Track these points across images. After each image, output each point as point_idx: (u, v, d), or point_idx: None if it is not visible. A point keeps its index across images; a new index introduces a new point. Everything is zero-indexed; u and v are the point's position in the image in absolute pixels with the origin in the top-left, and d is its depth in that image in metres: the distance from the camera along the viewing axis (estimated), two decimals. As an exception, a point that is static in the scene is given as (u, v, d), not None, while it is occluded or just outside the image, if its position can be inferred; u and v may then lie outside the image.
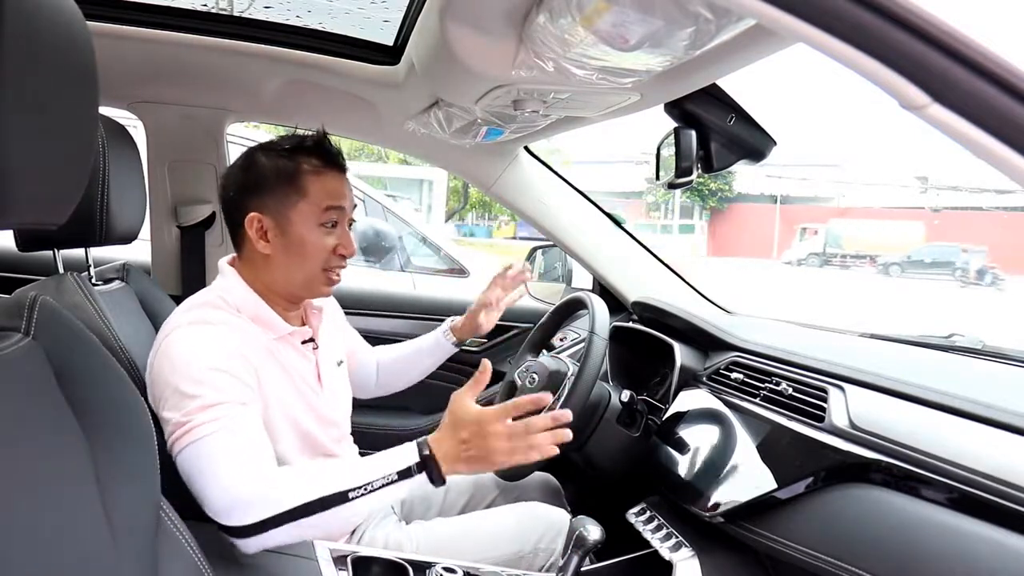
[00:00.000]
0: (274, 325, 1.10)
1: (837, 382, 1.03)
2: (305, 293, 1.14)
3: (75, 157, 0.54)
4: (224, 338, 1.01)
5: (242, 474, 0.90)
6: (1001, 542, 0.71)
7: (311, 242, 1.09)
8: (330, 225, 1.10)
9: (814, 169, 27.10)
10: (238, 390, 0.97)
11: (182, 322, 1.03)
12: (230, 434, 0.92)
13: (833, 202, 27.89)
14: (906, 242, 21.67)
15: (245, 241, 1.10)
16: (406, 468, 0.91)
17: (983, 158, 0.48)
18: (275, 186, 1.08)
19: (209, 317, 1.04)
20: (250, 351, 1.03)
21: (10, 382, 0.55)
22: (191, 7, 1.38)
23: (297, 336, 1.14)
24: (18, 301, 0.62)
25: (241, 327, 1.05)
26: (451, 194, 14.61)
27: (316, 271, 1.10)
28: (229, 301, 1.08)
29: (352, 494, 0.89)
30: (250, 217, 1.08)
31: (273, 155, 1.11)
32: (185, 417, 0.92)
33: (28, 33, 0.45)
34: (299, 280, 1.11)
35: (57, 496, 0.54)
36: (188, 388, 0.94)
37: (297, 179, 1.08)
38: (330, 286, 1.14)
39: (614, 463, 1.36)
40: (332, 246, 1.10)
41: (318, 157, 1.10)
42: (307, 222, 1.08)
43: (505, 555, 1.15)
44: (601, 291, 1.84)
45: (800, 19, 0.47)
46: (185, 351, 0.98)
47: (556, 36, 0.79)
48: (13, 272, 1.84)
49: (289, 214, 1.08)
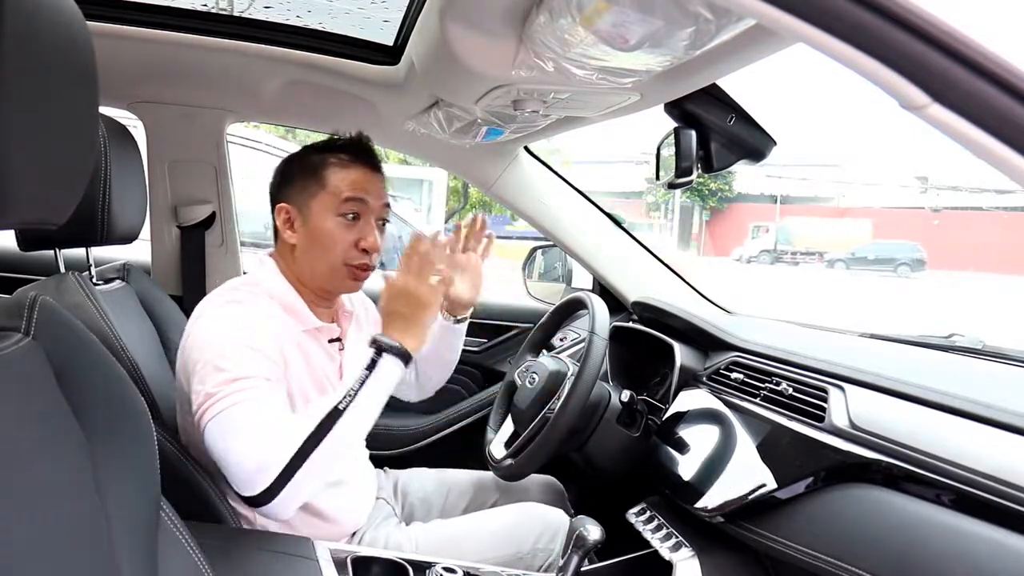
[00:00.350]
0: (303, 317, 1.12)
1: (837, 382, 1.03)
2: (330, 286, 1.16)
3: (76, 157, 0.54)
4: (255, 318, 1.04)
5: (261, 441, 0.92)
6: (1001, 542, 0.71)
7: (329, 233, 1.10)
8: (350, 217, 1.11)
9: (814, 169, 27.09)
10: (265, 367, 0.99)
11: (216, 302, 1.06)
12: (255, 405, 0.95)
13: (833, 202, 27.89)
14: (853, 239, 22.53)
15: (278, 232, 1.15)
16: (370, 361, 0.98)
17: (983, 158, 0.48)
18: (300, 177, 1.13)
19: (242, 298, 1.06)
20: (279, 335, 1.05)
21: (10, 382, 0.55)
22: (191, 7, 1.38)
23: (325, 333, 1.16)
24: (18, 301, 0.62)
25: (272, 313, 1.08)
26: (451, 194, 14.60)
27: (337, 263, 1.12)
28: (262, 288, 1.10)
29: (341, 405, 0.94)
30: (279, 207, 1.14)
31: (310, 151, 1.16)
32: (214, 388, 0.95)
33: (28, 33, 0.45)
34: (322, 271, 1.13)
35: (57, 496, 0.54)
36: (219, 362, 0.97)
37: (320, 170, 1.12)
38: (356, 281, 1.15)
39: (614, 463, 1.36)
40: (352, 240, 1.11)
41: (347, 152, 1.14)
42: (326, 212, 1.11)
43: (504, 555, 1.15)
44: (601, 291, 1.84)
45: (800, 19, 0.47)
46: (217, 328, 1.01)
47: (556, 36, 0.79)
48: (13, 272, 1.84)
49: (311, 204, 1.12)
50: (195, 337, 1.02)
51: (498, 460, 1.36)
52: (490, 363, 2.05)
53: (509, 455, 1.35)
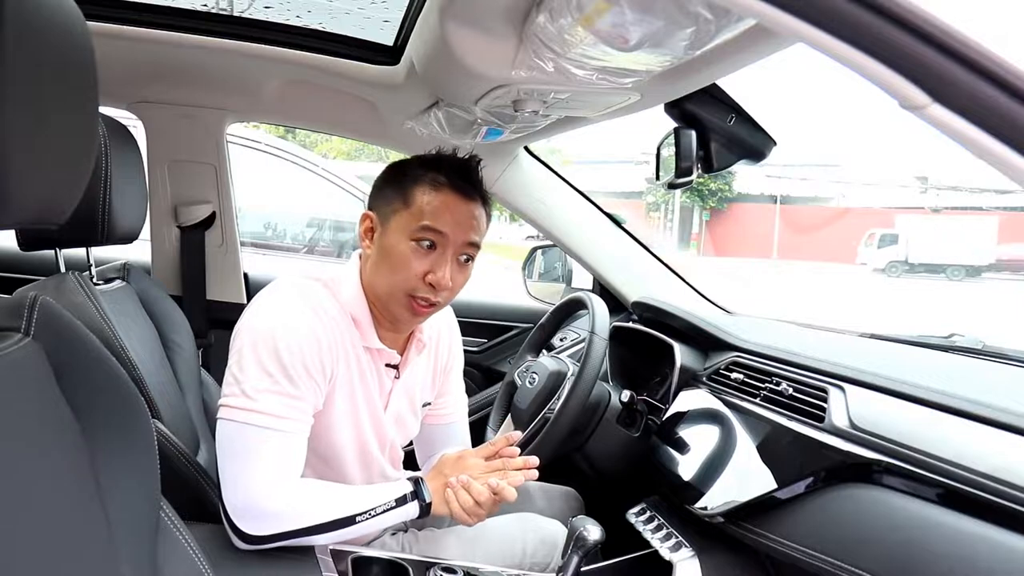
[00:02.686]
0: (367, 334, 1.05)
1: (837, 382, 1.03)
2: (385, 310, 1.06)
3: (76, 157, 0.54)
4: (321, 330, 0.99)
5: (273, 486, 0.93)
6: (1001, 542, 0.71)
7: (399, 254, 1.01)
8: (425, 244, 1.00)
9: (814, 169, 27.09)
10: (311, 393, 0.98)
11: (293, 290, 1.02)
12: (281, 440, 0.94)
13: (833, 202, 27.89)
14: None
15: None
16: (402, 496, 1.01)
17: (983, 158, 0.48)
18: (390, 190, 1.05)
19: (317, 300, 1.02)
20: (337, 348, 1.01)
21: (10, 382, 0.55)
22: (191, 7, 1.38)
23: (384, 357, 1.09)
24: (18, 301, 0.62)
25: (336, 318, 1.02)
26: (451, 194, 14.56)
27: (398, 289, 1.01)
28: (340, 287, 1.06)
29: (359, 518, 0.97)
30: (365, 213, 1.08)
31: (415, 163, 1.06)
32: (254, 393, 0.93)
33: (28, 33, 0.45)
34: (382, 291, 1.03)
35: (57, 496, 0.54)
36: (268, 364, 0.94)
37: (409, 188, 1.03)
38: (413, 315, 1.03)
39: (614, 463, 1.37)
40: (423, 270, 1.00)
41: (446, 175, 1.03)
42: (402, 232, 1.01)
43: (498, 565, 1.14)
44: (601, 291, 1.84)
45: (800, 19, 0.47)
46: (282, 324, 0.96)
47: (556, 36, 0.80)
48: (13, 272, 1.84)
49: (390, 219, 1.03)
50: (260, 317, 0.98)
51: (498, 460, 1.36)
52: (490, 363, 2.05)
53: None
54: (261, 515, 0.92)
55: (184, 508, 0.72)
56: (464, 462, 1.07)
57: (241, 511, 0.93)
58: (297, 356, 0.95)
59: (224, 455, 0.94)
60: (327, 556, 0.98)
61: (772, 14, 0.48)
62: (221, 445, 0.95)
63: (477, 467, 1.06)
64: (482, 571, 1.05)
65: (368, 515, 0.98)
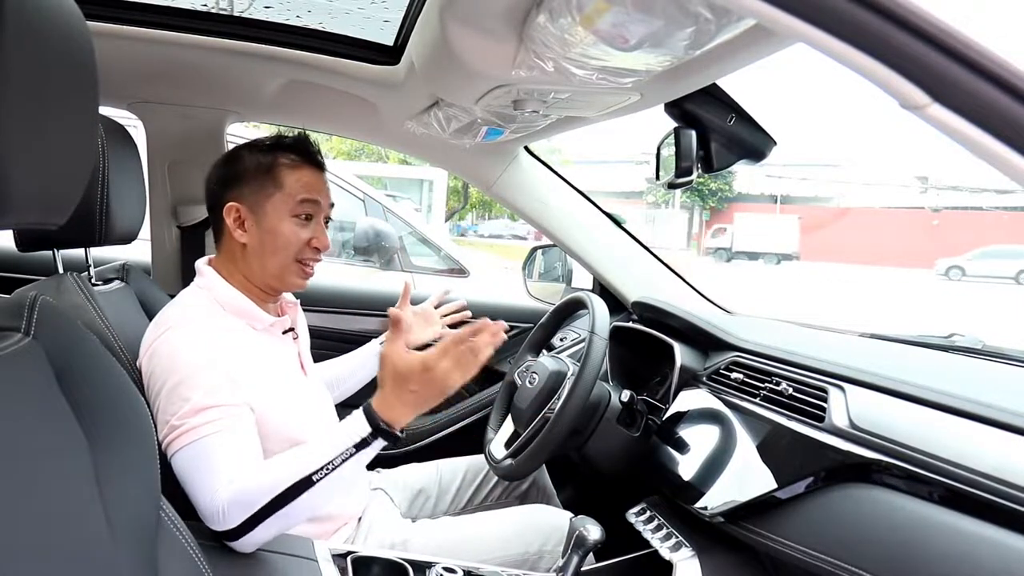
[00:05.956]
0: (256, 317, 1.13)
1: (837, 382, 1.02)
2: (279, 284, 1.16)
3: (75, 157, 0.54)
4: (212, 337, 1.03)
5: (223, 480, 0.92)
6: (1001, 542, 0.71)
7: (284, 232, 1.12)
8: (304, 218, 1.13)
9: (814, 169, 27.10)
10: (228, 390, 0.98)
11: (170, 322, 1.05)
12: (219, 439, 0.94)
13: (833, 202, 27.89)
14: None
15: (224, 233, 1.15)
16: (361, 440, 0.91)
17: (983, 158, 0.48)
18: (253, 178, 1.13)
19: (195, 316, 1.06)
20: (238, 347, 1.05)
21: (10, 382, 0.55)
22: (191, 7, 1.38)
23: (278, 327, 1.17)
24: (18, 301, 0.62)
25: (227, 323, 1.08)
26: (451, 194, 14.60)
27: (289, 261, 1.13)
28: (212, 298, 1.11)
29: (316, 476, 0.90)
30: (228, 207, 1.13)
31: (255, 150, 1.15)
32: (178, 421, 0.94)
33: (28, 33, 0.45)
34: (273, 269, 1.14)
35: (57, 496, 0.54)
36: (180, 390, 0.96)
37: (274, 171, 1.13)
38: (303, 279, 1.17)
39: (614, 463, 1.36)
40: (306, 238, 1.14)
41: (296, 152, 1.15)
42: (281, 213, 1.12)
43: (510, 556, 1.15)
44: (601, 291, 1.84)
45: (800, 19, 0.47)
46: (174, 351, 1.00)
47: (556, 36, 0.79)
48: (13, 272, 1.84)
49: (265, 204, 1.12)
50: (157, 357, 1.00)
51: (498, 460, 1.36)
52: (490, 363, 2.04)
53: (509, 455, 1.35)
54: (224, 508, 0.90)
55: (184, 508, 0.73)
56: (434, 369, 0.92)
57: (212, 514, 0.91)
58: (202, 365, 0.98)
59: (185, 483, 0.93)
60: (327, 556, 0.98)
61: (772, 14, 0.48)
62: (181, 479, 0.94)
63: (447, 368, 0.93)
64: (482, 571, 1.05)
65: (327, 470, 0.90)
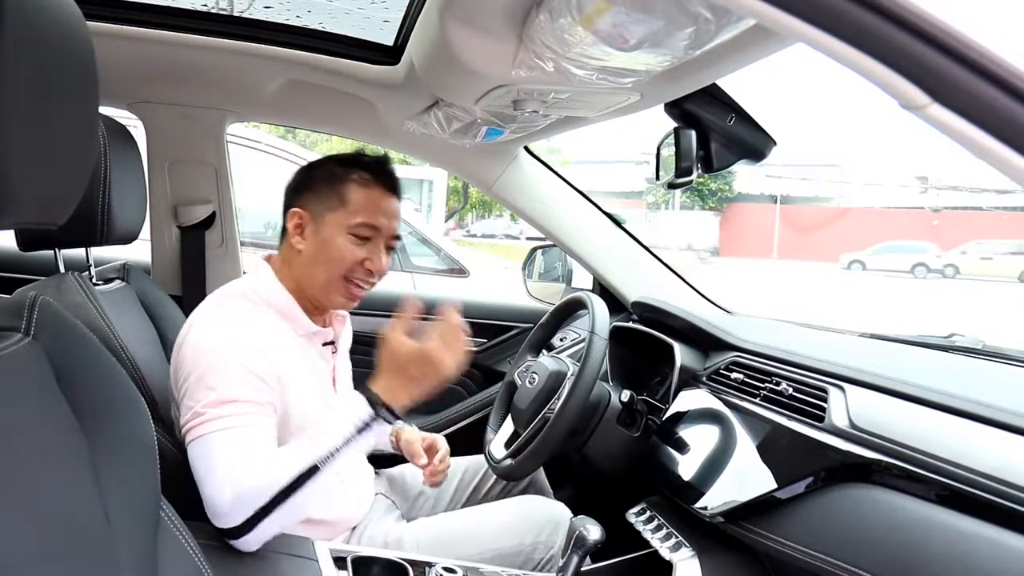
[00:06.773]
0: (300, 321, 1.13)
1: (837, 382, 1.02)
2: (323, 298, 1.15)
3: (76, 157, 0.54)
4: (250, 333, 1.03)
5: (240, 477, 0.92)
6: (1001, 542, 0.71)
7: (338, 246, 1.11)
8: (361, 237, 1.12)
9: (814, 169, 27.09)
10: (256, 388, 0.99)
11: (211, 313, 1.06)
12: (237, 434, 0.94)
13: (833, 202, 27.88)
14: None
15: (286, 236, 1.16)
16: (363, 424, 0.96)
17: (983, 158, 0.48)
18: (321, 188, 1.14)
19: (237, 309, 1.07)
20: (275, 347, 1.05)
21: (10, 382, 0.55)
22: (191, 7, 1.38)
23: (319, 337, 1.17)
24: (18, 301, 0.62)
25: (268, 321, 1.08)
26: (451, 194, 14.59)
27: (337, 276, 1.12)
28: (259, 294, 1.11)
29: (321, 463, 0.93)
30: (292, 212, 1.14)
31: (333, 163, 1.16)
32: (202, 408, 0.95)
33: (28, 33, 0.45)
34: (320, 282, 1.12)
35: (57, 496, 0.54)
36: (209, 379, 0.97)
37: (343, 186, 1.12)
38: (348, 299, 1.15)
39: (614, 463, 1.36)
40: (360, 257, 1.12)
41: (370, 172, 1.14)
42: (339, 227, 1.11)
43: (505, 547, 1.15)
44: (601, 291, 1.84)
45: (800, 19, 0.47)
46: (211, 341, 1.01)
47: (556, 36, 0.79)
48: (13, 272, 1.84)
49: (326, 216, 1.12)
50: (189, 347, 1.02)
51: (498, 460, 1.37)
52: (490, 363, 2.05)
53: (509, 455, 1.35)
54: (231, 505, 0.91)
55: (184, 508, 0.72)
56: (431, 357, 0.98)
57: (218, 510, 0.91)
58: (235, 360, 0.98)
59: (195, 472, 0.94)
60: (327, 556, 0.98)
61: (772, 14, 0.48)
62: (193, 467, 0.94)
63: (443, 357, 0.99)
64: (482, 570, 1.05)
65: (331, 457, 0.93)
